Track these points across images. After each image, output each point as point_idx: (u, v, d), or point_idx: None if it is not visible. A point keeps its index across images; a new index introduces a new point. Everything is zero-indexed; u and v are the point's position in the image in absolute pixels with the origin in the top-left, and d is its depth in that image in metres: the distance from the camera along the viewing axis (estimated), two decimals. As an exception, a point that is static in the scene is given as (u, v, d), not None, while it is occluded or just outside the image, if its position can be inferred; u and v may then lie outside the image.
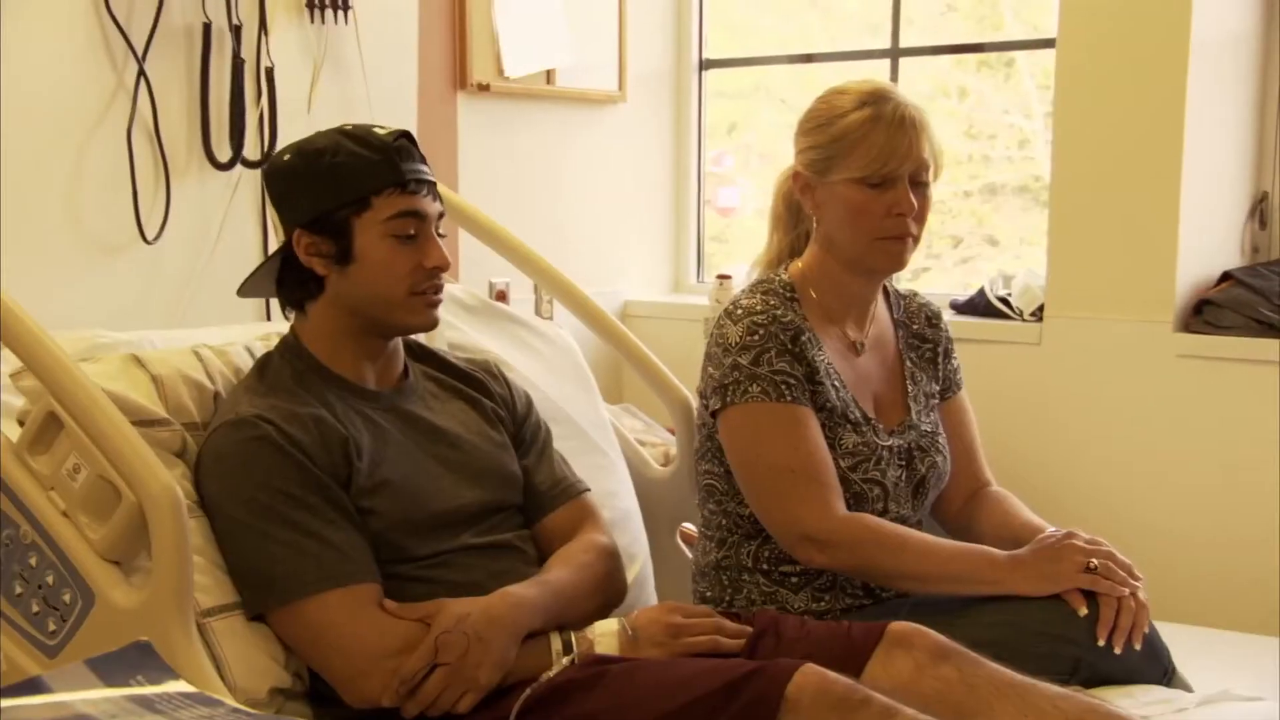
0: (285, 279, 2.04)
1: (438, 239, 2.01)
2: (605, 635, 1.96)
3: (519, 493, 2.13)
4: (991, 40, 3.71)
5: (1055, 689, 1.84)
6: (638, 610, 2.03)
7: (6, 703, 1.02)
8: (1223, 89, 3.10)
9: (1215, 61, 3.06)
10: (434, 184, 2.02)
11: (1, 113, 2.42)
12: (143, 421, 1.92)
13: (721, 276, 3.71)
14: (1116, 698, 1.99)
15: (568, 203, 3.65)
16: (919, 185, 2.24)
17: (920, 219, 2.26)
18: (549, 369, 2.60)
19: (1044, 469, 3.16)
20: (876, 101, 2.23)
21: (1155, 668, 2.11)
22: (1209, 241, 3.13)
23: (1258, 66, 3.16)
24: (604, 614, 2.04)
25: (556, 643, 1.92)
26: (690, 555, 2.53)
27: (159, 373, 2.02)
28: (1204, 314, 3.08)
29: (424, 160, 2.02)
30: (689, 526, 2.62)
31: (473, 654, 1.82)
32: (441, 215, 2.04)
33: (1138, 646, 2.06)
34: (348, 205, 1.96)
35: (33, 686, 1.05)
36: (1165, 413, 3.09)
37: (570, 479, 2.21)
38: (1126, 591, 2.07)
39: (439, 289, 2.02)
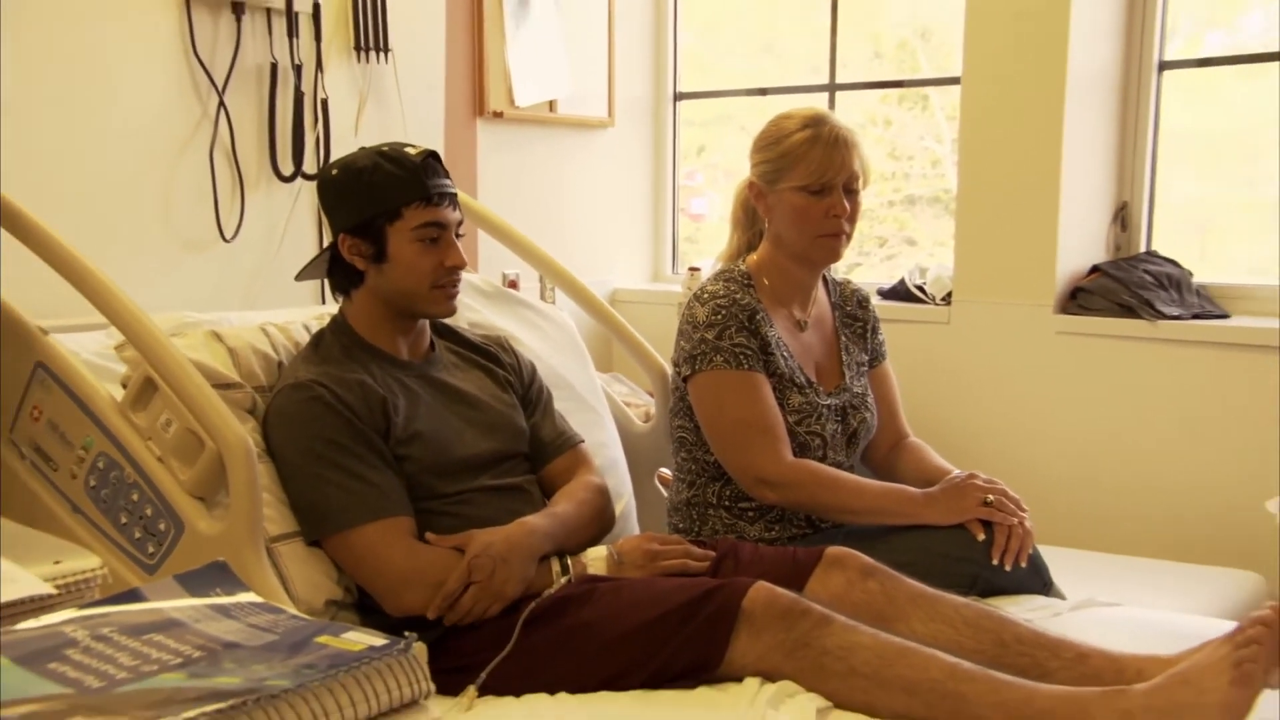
0: (333, 270, 2.03)
1: (457, 242, 1.99)
2: (596, 559, 1.96)
3: (526, 444, 2.13)
4: (909, 78, 3.70)
5: (958, 599, 1.86)
6: (622, 539, 2.03)
7: (113, 609, 1.02)
8: (1092, 117, 3.10)
9: (1086, 95, 3.06)
10: (455, 196, 2.00)
11: (111, 136, 2.41)
12: (221, 385, 1.91)
13: (692, 269, 3.70)
14: (1006, 605, 2.00)
15: (567, 208, 3.64)
16: (851, 192, 2.25)
17: (852, 220, 2.26)
18: (551, 343, 2.59)
19: (951, 423, 3.17)
20: (816, 124, 2.23)
21: (1037, 581, 2.12)
22: (1081, 241, 3.14)
23: (1119, 98, 3.16)
24: (597, 541, 2.04)
25: (556, 565, 1.92)
26: (666, 495, 2.53)
27: (234, 345, 2.02)
28: (1078, 299, 3.09)
29: (447, 175, 2.00)
30: (665, 471, 2.63)
31: (499, 573, 1.82)
32: (461, 222, 2.02)
33: (1024, 565, 2.08)
34: (382, 215, 1.94)
35: (133, 595, 1.05)
36: (1047, 378, 3.10)
37: (568, 432, 2.20)
38: (1015, 521, 2.09)
39: (456, 283, 2.01)
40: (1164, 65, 3.14)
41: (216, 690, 0.87)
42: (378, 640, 0.96)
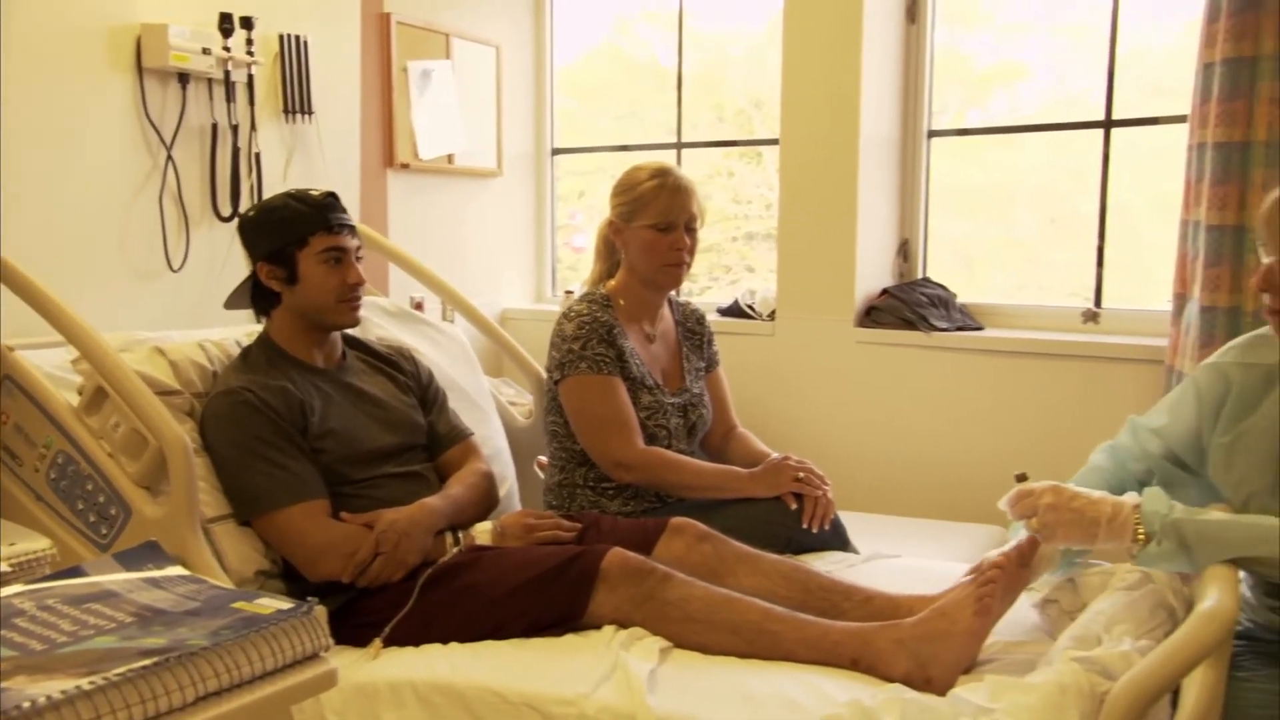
0: (255, 295, 1.99)
1: (356, 264, 1.97)
2: (482, 532, 1.96)
3: (424, 437, 2.11)
4: (743, 139, 3.76)
5: (775, 556, 1.89)
6: (504, 515, 2.03)
7: (58, 583, 0.99)
8: (879, 172, 3.18)
9: (874, 155, 3.14)
10: (353, 226, 1.99)
11: (75, 183, 2.33)
12: (163, 392, 1.87)
13: (567, 291, 3.71)
14: (813, 560, 2.05)
15: (464, 243, 3.61)
16: (690, 230, 2.27)
17: (692, 253, 2.29)
18: (446, 354, 2.57)
19: (772, 416, 3.22)
20: (662, 174, 2.25)
21: (837, 540, 2.17)
22: (873, 269, 3.21)
23: (899, 158, 3.26)
24: (484, 517, 2.04)
25: (450, 538, 1.91)
26: (542, 478, 2.53)
27: (175, 359, 1.97)
28: (872, 315, 3.16)
29: (344, 210, 1.99)
30: (543, 458, 2.62)
31: (402, 545, 1.81)
32: (359, 247, 2.00)
33: (827, 528, 2.13)
34: (292, 244, 1.92)
35: (76, 571, 1.02)
36: (849, 378, 3.17)
37: (460, 427, 2.19)
38: (821, 493, 2.13)
39: (358, 297, 1.99)
40: (932, 133, 3.25)
41: (144, 649, 0.85)
42: (285, 604, 0.95)
